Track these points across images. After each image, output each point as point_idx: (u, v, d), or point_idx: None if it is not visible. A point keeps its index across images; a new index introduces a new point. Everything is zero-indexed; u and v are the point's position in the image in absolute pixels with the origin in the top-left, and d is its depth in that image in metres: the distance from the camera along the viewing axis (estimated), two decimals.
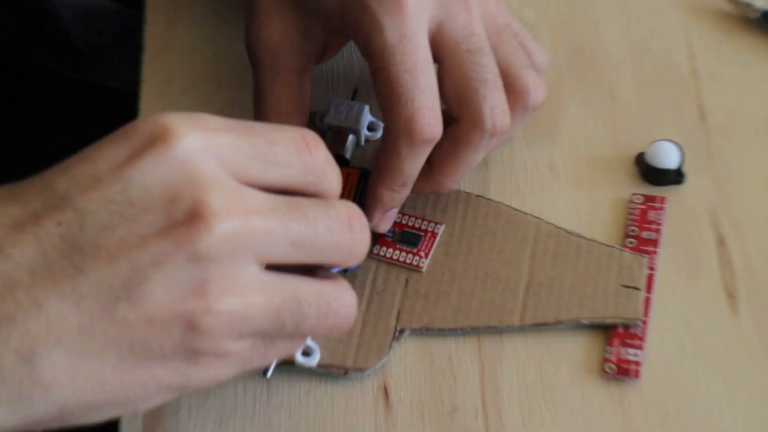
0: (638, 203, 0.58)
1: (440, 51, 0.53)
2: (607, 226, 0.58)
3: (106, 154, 0.40)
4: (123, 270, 0.39)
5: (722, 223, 0.57)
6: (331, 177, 0.45)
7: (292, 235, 0.42)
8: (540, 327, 0.54)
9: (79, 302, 0.39)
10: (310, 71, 0.57)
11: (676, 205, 0.58)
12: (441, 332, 0.55)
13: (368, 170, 0.56)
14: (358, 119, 0.60)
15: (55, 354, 0.39)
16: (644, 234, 0.57)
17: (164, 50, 0.66)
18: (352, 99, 0.61)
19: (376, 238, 0.56)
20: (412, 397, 0.54)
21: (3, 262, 0.39)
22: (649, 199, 0.58)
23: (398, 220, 0.57)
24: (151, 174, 0.40)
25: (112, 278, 0.39)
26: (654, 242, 0.57)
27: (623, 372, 0.53)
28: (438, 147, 0.54)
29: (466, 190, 0.59)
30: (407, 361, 0.55)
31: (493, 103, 0.53)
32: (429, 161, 0.54)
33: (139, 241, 0.39)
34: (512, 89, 0.54)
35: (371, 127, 0.61)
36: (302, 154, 0.43)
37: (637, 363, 0.53)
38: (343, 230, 0.44)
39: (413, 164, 0.53)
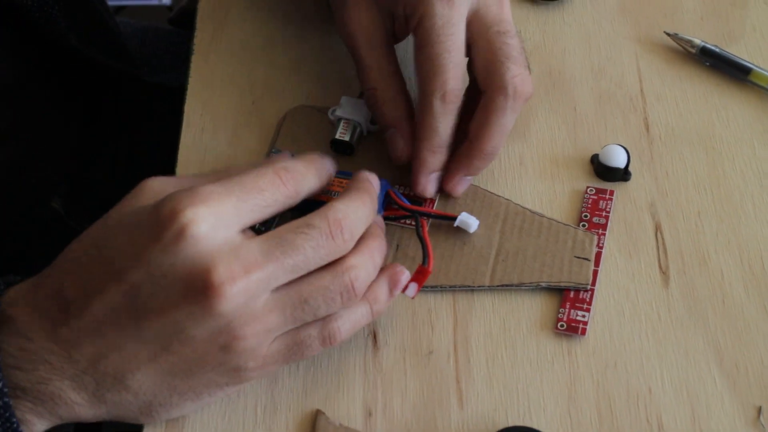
0: (591, 194, 0.57)
1: (473, 33, 0.54)
2: (564, 212, 0.57)
3: (145, 237, 0.43)
4: (168, 323, 0.44)
5: (659, 213, 0.57)
6: (306, 186, 0.48)
7: (288, 266, 0.45)
8: (506, 287, 0.54)
9: (145, 344, 0.44)
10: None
11: (622, 197, 0.57)
12: (423, 288, 0.54)
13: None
14: (362, 114, 0.59)
15: (138, 374, 0.45)
16: (595, 219, 0.56)
17: (209, 54, 0.66)
18: (359, 98, 0.61)
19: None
20: (396, 341, 0.53)
21: (90, 319, 0.44)
22: (600, 191, 0.57)
23: (401, 192, 0.57)
24: (175, 255, 0.43)
25: (162, 328, 0.44)
26: (603, 226, 0.56)
27: (572, 329, 0.52)
28: (473, 120, 0.54)
29: None
30: (394, 311, 0.54)
31: (515, 73, 0.53)
32: (468, 136, 0.55)
33: (174, 304, 0.43)
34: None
35: (373, 121, 0.60)
36: (280, 189, 0.46)
37: (584, 323, 0.52)
38: (327, 242, 0.45)
39: (445, 123, 0.53)
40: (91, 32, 0.69)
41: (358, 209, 0.47)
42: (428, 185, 0.55)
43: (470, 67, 0.55)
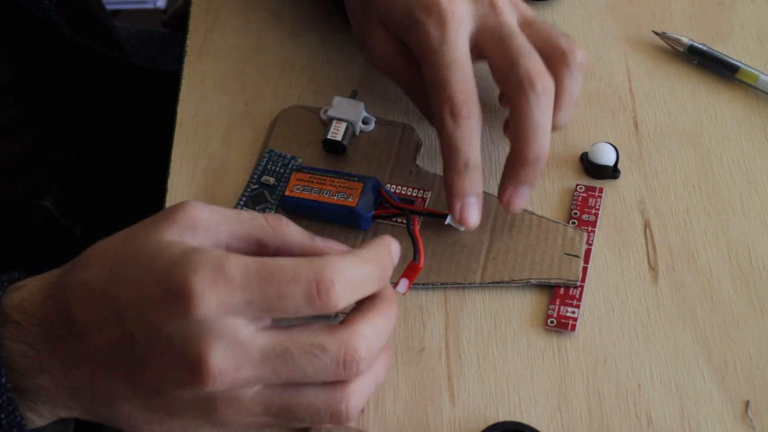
0: (581, 192, 0.57)
1: (482, 48, 0.53)
2: (554, 210, 0.57)
3: (152, 296, 0.42)
4: (156, 381, 0.43)
5: (648, 210, 0.57)
6: (353, 300, 0.44)
7: (283, 377, 0.43)
8: (496, 284, 0.54)
9: (134, 386, 0.44)
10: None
11: (612, 195, 0.58)
12: (415, 286, 0.54)
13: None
14: (354, 114, 0.59)
15: (126, 404, 0.45)
16: (584, 216, 0.56)
17: (201, 55, 0.66)
18: (351, 98, 0.61)
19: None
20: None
21: (89, 346, 0.44)
22: (589, 189, 0.58)
23: (392, 191, 0.57)
24: (175, 328, 0.42)
25: (150, 383, 0.43)
26: (592, 223, 0.56)
27: (562, 326, 0.53)
28: (509, 129, 0.53)
29: (441, 174, 0.58)
30: None
31: (529, 67, 0.51)
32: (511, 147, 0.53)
33: (165, 371, 0.43)
34: (551, 55, 0.53)
35: (365, 121, 0.60)
36: (309, 304, 0.42)
37: (573, 319, 0.53)
38: (335, 369, 0.43)
39: (462, 140, 0.51)
40: (81, 18, 0.69)
41: (382, 333, 0.45)
42: (466, 211, 0.53)
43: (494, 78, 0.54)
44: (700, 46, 0.62)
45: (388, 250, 0.46)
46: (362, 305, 0.45)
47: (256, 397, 0.44)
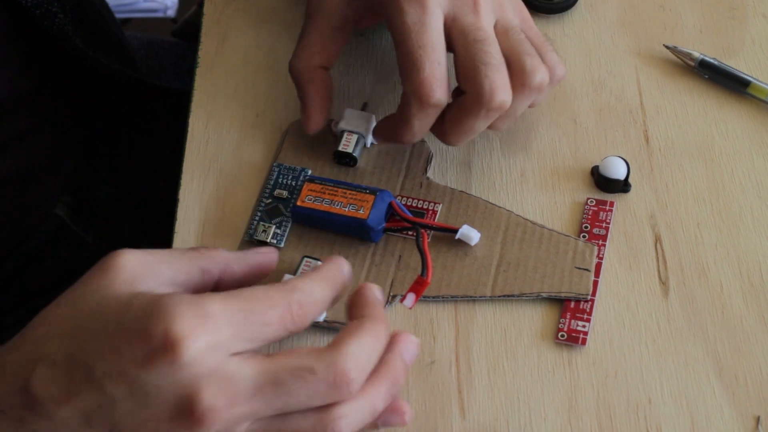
0: (591, 205, 0.58)
1: (453, 41, 0.54)
2: (565, 223, 0.57)
3: (132, 351, 0.41)
4: None
5: (659, 225, 0.57)
6: (315, 317, 0.45)
7: (277, 407, 0.42)
8: (507, 298, 0.54)
9: None
10: (347, 32, 0.59)
11: (622, 209, 0.58)
12: (425, 299, 0.54)
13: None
14: (365, 126, 0.60)
15: None
16: (595, 230, 0.57)
17: (213, 67, 0.66)
18: (362, 110, 0.61)
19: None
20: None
21: (59, 422, 0.41)
22: (600, 202, 0.58)
23: (403, 203, 0.58)
24: (164, 378, 0.40)
25: None
26: (603, 237, 0.56)
27: (573, 339, 0.53)
28: (449, 108, 0.54)
29: (452, 187, 0.58)
30: (396, 321, 0.54)
31: (493, 82, 0.52)
32: (443, 116, 0.55)
33: (153, 426, 0.41)
34: (513, 71, 0.53)
35: None
36: (287, 326, 0.43)
37: (584, 333, 0.53)
38: (327, 391, 0.42)
39: (421, 122, 0.54)
40: (95, 32, 0.69)
41: (372, 351, 0.44)
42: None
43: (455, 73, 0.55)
44: (712, 61, 0.62)
45: (340, 270, 0.47)
46: (349, 326, 0.44)
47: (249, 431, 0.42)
